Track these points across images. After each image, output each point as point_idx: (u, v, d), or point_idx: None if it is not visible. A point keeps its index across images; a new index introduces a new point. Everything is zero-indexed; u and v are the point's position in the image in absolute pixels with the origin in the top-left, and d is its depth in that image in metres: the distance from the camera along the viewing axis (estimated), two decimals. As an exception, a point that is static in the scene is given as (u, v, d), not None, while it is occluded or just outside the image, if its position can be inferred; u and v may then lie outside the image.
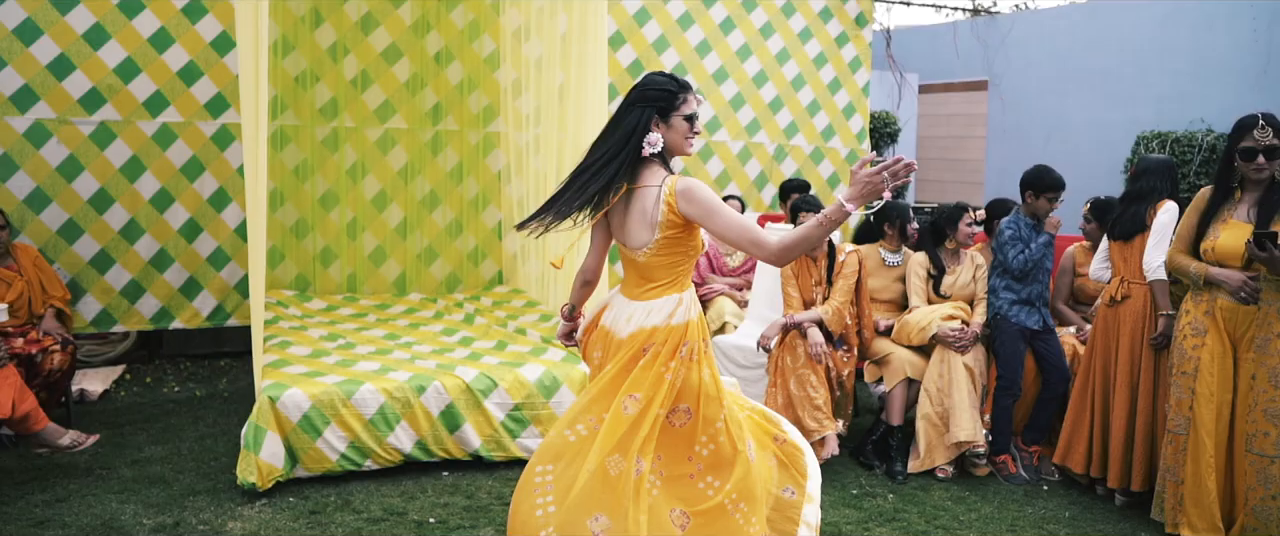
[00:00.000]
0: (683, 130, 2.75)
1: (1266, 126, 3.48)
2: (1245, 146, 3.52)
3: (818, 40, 7.35)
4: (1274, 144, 3.47)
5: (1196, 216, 3.73)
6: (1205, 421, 3.57)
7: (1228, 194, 3.66)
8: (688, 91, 2.77)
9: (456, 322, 5.51)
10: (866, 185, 2.39)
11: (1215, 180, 3.72)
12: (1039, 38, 10.49)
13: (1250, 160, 3.51)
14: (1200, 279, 3.63)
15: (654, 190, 2.70)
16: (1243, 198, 3.62)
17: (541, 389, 4.41)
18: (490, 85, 6.38)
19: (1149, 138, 8.73)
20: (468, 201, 6.46)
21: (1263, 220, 3.49)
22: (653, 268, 2.76)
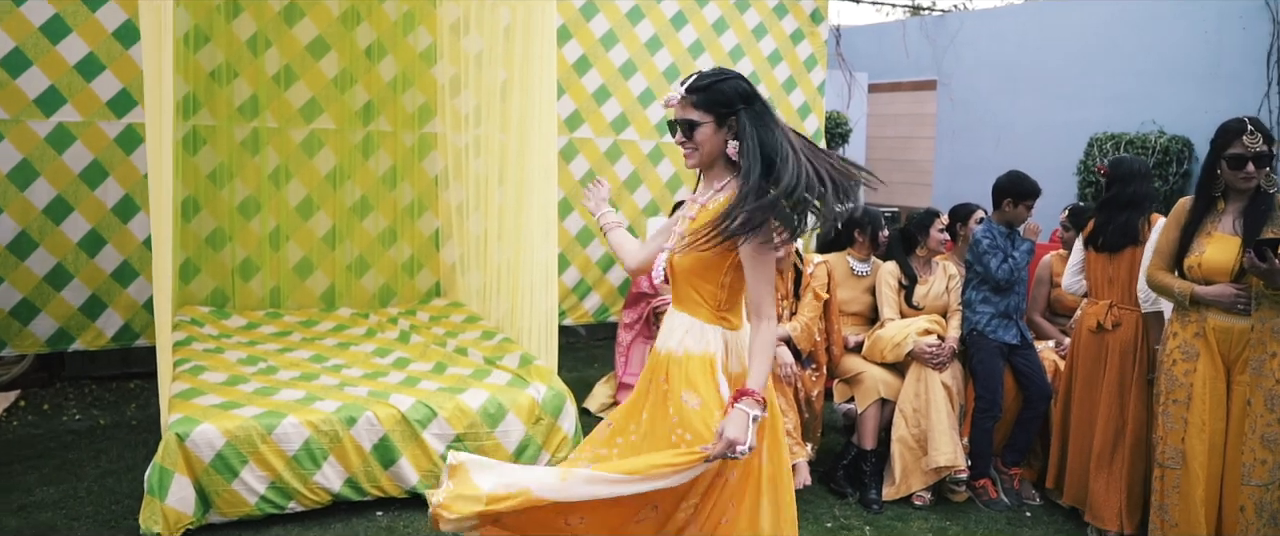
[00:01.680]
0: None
1: (1256, 132, 3.21)
2: (1234, 153, 3.25)
3: (772, 37, 7.04)
4: (1263, 150, 3.21)
5: (1177, 230, 3.46)
6: (1197, 453, 3.32)
7: (1210, 204, 3.40)
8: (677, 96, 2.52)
9: (390, 341, 5.06)
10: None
11: (1197, 190, 3.45)
12: (988, 37, 10.35)
13: (1239, 168, 3.25)
14: (1186, 298, 3.36)
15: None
16: (1226, 208, 3.36)
17: (485, 417, 4.02)
18: (426, 82, 5.93)
19: (1102, 139, 8.61)
20: (402, 208, 6.00)
21: (1250, 232, 3.23)
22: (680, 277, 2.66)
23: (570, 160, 6.53)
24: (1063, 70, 9.45)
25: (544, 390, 4.21)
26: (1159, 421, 3.46)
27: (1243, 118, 3.28)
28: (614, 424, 2.62)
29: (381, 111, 5.87)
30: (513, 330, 4.97)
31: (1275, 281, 3.13)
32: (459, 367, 4.53)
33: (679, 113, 2.44)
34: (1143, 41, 8.74)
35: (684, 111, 2.43)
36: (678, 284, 2.49)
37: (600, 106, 6.60)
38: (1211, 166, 3.37)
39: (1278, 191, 3.31)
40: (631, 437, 2.53)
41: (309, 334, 5.18)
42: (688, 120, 2.41)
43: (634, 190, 6.82)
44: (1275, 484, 3.20)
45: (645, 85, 6.70)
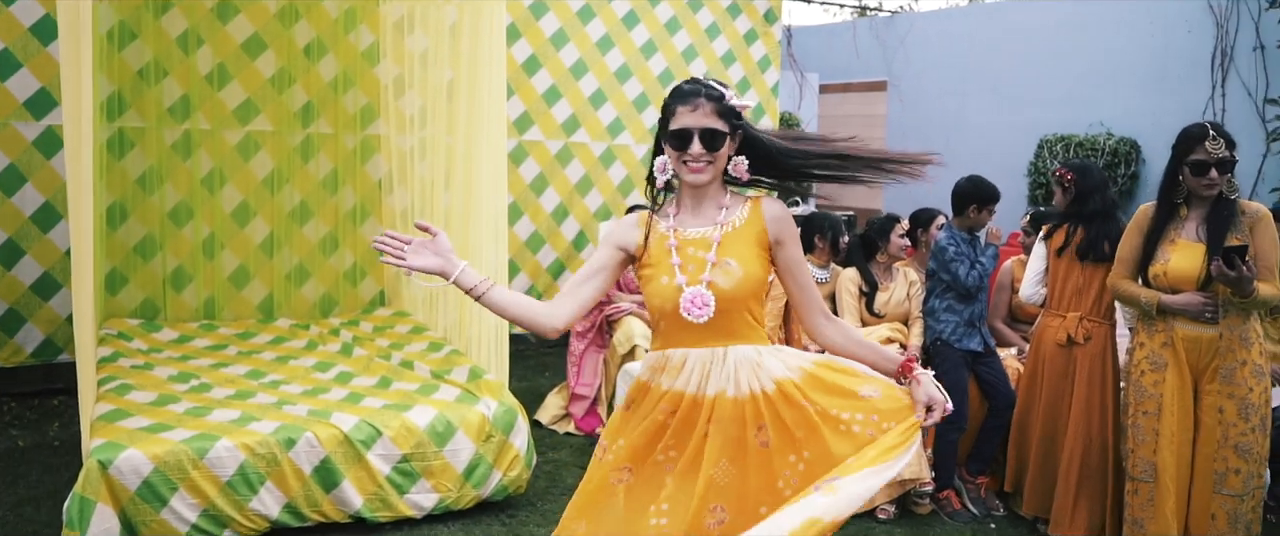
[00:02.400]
0: (672, 153, 2.23)
1: (1218, 138, 3.17)
2: (1196, 159, 3.19)
3: (726, 37, 6.92)
4: (1225, 156, 3.16)
5: (1140, 237, 3.40)
6: (1168, 466, 3.26)
7: (1172, 211, 3.34)
8: (679, 101, 2.21)
9: (332, 354, 4.82)
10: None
11: (1159, 196, 3.38)
12: (937, 39, 10.36)
13: (1202, 174, 3.19)
14: (1153, 308, 3.30)
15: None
16: (1189, 215, 3.31)
17: (433, 436, 3.82)
18: (369, 82, 5.70)
19: (1052, 141, 8.65)
20: (344, 213, 5.75)
21: (1214, 238, 3.19)
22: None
23: (520, 163, 6.34)
24: (1012, 72, 9.48)
25: (495, 406, 4.03)
26: (1129, 433, 3.40)
27: (1204, 123, 3.23)
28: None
29: (321, 113, 5.62)
30: (461, 340, 4.77)
31: (1243, 289, 3.08)
32: (405, 382, 4.32)
33: (699, 121, 2.17)
34: (1091, 44, 8.80)
35: (707, 119, 2.18)
36: (729, 316, 2.21)
37: (550, 108, 6.42)
38: (1173, 173, 3.31)
39: (1239, 197, 3.27)
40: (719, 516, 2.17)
41: (245, 347, 4.92)
42: (713, 129, 2.18)
43: (585, 194, 6.65)
44: (1250, 494, 3.15)
45: (596, 86, 6.54)
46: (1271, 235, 3.18)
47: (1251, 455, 3.17)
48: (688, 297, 2.19)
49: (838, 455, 2.12)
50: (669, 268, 2.23)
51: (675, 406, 2.23)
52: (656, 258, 2.26)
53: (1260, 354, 3.21)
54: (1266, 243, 3.17)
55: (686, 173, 2.21)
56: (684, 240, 2.26)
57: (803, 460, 2.16)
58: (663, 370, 2.26)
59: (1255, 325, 3.23)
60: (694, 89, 2.21)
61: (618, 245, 2.31)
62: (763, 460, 2.17)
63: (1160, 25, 8.30)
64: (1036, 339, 3.94)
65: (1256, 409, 3.17)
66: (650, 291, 2.26)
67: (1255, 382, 3.18)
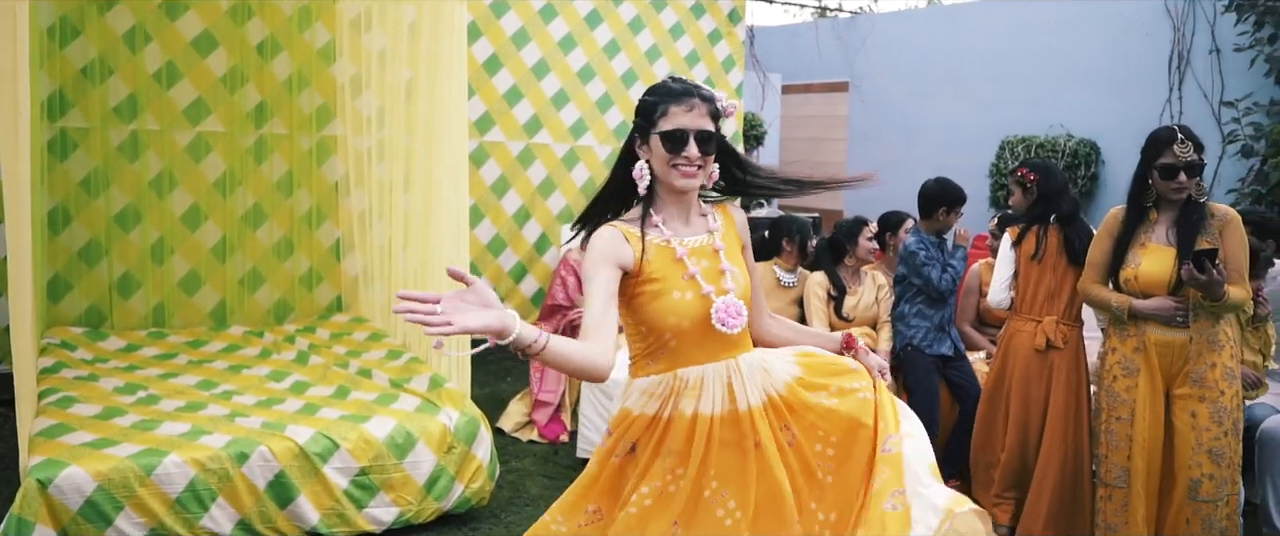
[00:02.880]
0: (662, 155, 2.06)
1: (1186, 141, 3.15)
2: (1165, 163, 3.17)
3: (690, 37, 6.84)
4: (1194, 160, 3.15)
5: (1110, 241, 3.38)
6: (1140, 472, 3.24)
7: (1142, 215, 3.32)
8: (672, 100, 2.07)
9: (287, 363, 4.67)
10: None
11: (1128, 200, 3.36)
12: (899, 40, 10.39)
13: (1171, 178, 3.17)
14: (1124, 313, 3.28)
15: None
16: (1158, 218, 3.29)
17: (393, 447, 3.70)
18: (325, 82, 5.54)
19: (1013, 142, 8.69)
20: (299, 216, 5.59)
21: (1184, 242, 3.17)
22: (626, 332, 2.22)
23: (481, 165, 6.22)
24: (973, 73, 9.53)
25: (456, 416, 3.91)
26: (1101, 438, 3.37)
27: (1172, 126, 3.22)
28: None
29: (275, 113, 5.45)
30: (420, 347, 4.65)
31: (1214, 293, 3.06)
32: (363, 392, 4.18)
33: (696, 122, 2.04)
34: (1050, 46, 8.86)
35: (703, 121, 2.06)
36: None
37: (512, 108, 6.30)
38: (1142, 176, 3.29)
39: (1208, 200, 3.25)
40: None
41: (196, 356, 4.75)
42: (708, 132, 2.07)
43: (547, 196, 6.54)
44: (1224, 499, 3.13)
45: (558, 86, 6.43)
46: (1240, 238, 3.17)
47: (1224, 459, 3.14)
48: (722, 308, 2.06)
49: (855, 415, 2.14)
50: (683, 280, 2.08)
51: (707, 434, 2.07)
52: (661, 271, 2.07)
53: (1232, 357, 3.20)
54: (1236, 245, 3.16)
55: (677, 177, 2.06)
56: (692, 249, 2.13)
57: (830, 445, 2.14)
58: (678, 394, 2.08)
59: (1226, 328, 3.22)
60: (686, 88, 2.09)
61: (616, 264, 2.04)
62: (798, 457, 2.12)
63: (1118, 28, 8.38)
64: (1006, 344, 3.85)
65: (1228, 412, 3.15)
66: (657, 308, 2.06)
67: (1227, 386, 3.17)
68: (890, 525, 2.00)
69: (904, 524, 1.99)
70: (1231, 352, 3.20)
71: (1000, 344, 3.91)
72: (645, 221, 2.11)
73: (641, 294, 2.07)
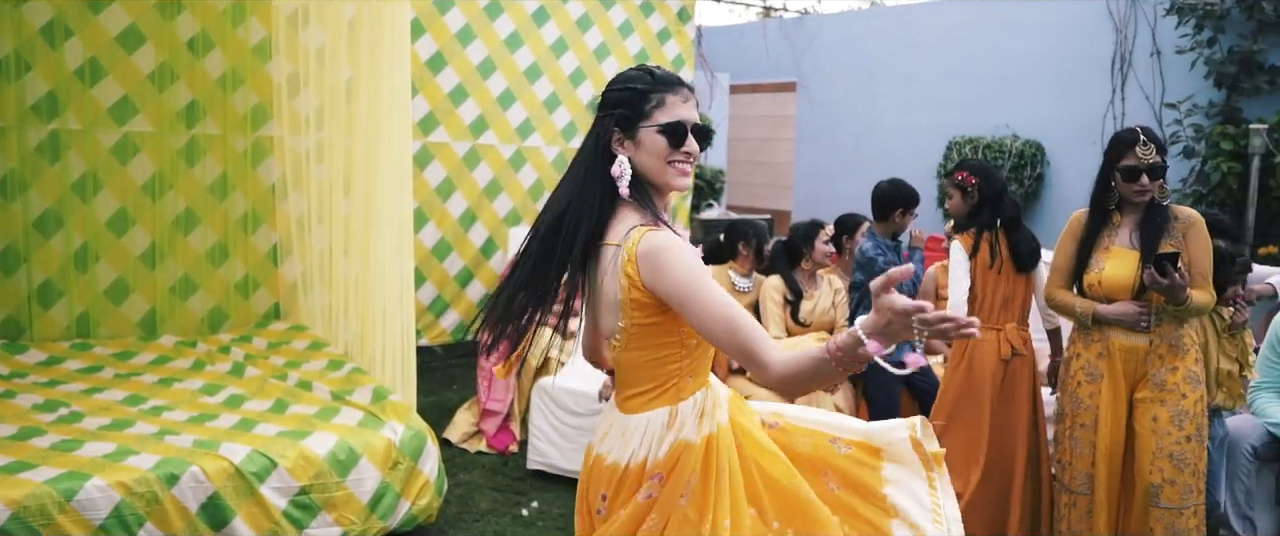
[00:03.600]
0: (659, 150, 1.88)
1: (1149, 143, 3.11)
2: (1127, 165, 3.12)
3: (639, 35, 6.73)
4: (1156, 162, 3.11)
5: (1074, 244, 3.32)
6: (1103, 478, 3.20)
7: (1105, 218, 3.27)
8: (667, 89, 1.90)
9: (221, 375, 4.44)
10: (896, 328, 1.55)
11: (1091, 203, 3.31)
12: (846, 40, 10.39)
13: (1133, 180, 3.12)
14: (1088, 318, 3.23)
15: (612, 250, 1.87)
16: (1122, 221, 3.24)
17: (335, 464, 3.52)
18: (260, 80, 5.31)
19: (961, 143, 8.73)
20: (234, 220, 5.34)
21: (1148, 245, 3.13)
22: (629, 366, 1.91)
23: (424, 166, 6.03)
24: (920, 74, 9.56)
25: (402, 430, 3.74)
26: (1064, 445, 3.32)
27: (1135, 128, 3.17)
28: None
29: (208, 112, 5.20)
30: (363, 355, 4.46)
31: (1177, 297, 3.02)
32: (302, 405, 3.99)
33: (693, 114, 1.92)
34: (996, 48, 8.91)
35: (696, 113, 1.94)
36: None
37: (457, 108, 6.12)
38: (1105, 179, 3.24)
39: (1172, 202, 3.21)
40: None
41: (123, 369, 4.50)
42: (703, 127, 1.94)
43: (494, 198, 6.38)
44: (1190, 508, 3.09)
45: (505, 85, 6.27)
46: (1204, 241, 3.14)
47: (1187, 465, 3.10)
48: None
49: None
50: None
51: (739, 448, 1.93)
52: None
53: (1196, 361, 3.16)
54: (1199, 249, 3.13)
55: (674, 175, 1.88)
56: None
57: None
58: (714, 408, 1.93)
59: (1191, 332, 3.18)
60: (676, 77, 1.94)
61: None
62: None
63: (1062, 30, 8.45)
64: (969, 357, 3.68)
65: (1191, 417, 3.11)
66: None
67: (1190, 390, 3.12)
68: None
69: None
70: (1196, 357, 3.17)
71: (961, 356, 3.73)
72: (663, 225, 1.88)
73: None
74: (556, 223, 1.90)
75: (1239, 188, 6.79)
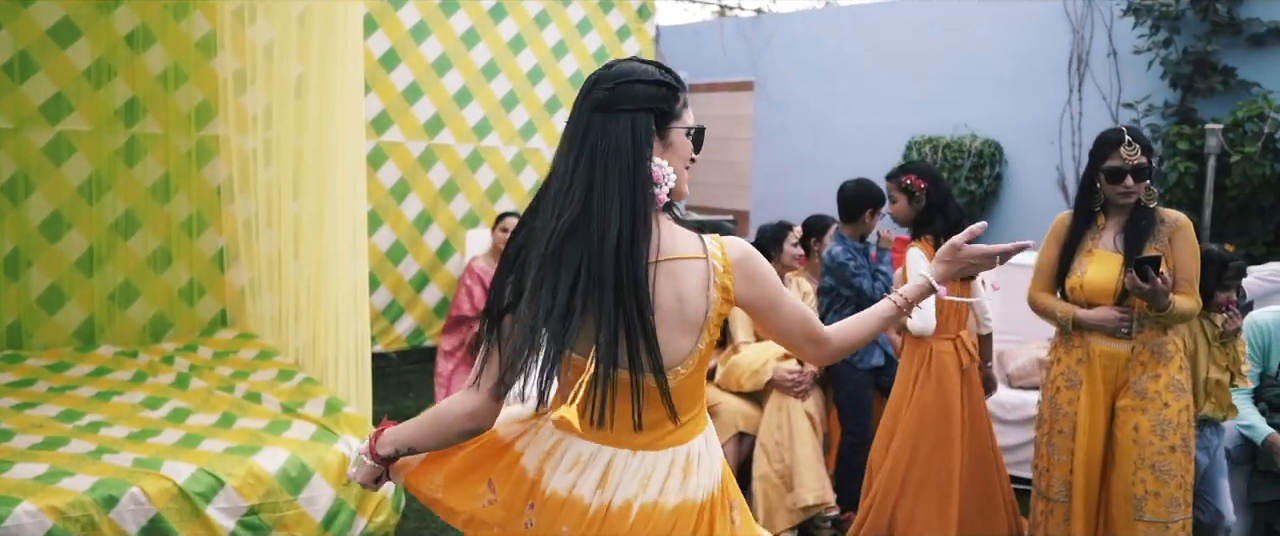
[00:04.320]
0: (685, 153, 1.77)
1: (1134, 143, 3.03)
2: (1111, 166, 3.05)
3: (598, 33, 6.59)
4: (1142, 163, 3.03)
5: (1057, 247, 3.25)
6: (1080, 486, 3.11)
7: (1090, 220, 3.20)
8: (683, 89, 1.80)
9: (164, 387, 4.22)
10: (969, 264, 1.91)
11: (1075, 204, 3.24)
12: (804, 39, 10.33)
13: (1117, 182, 3.05)
14: (1068, 323, 3.15)
15: (698, 263, 1.71)
16: (1106, 224, 3.17)
17: (286, 482, 3.35)
18: (205, 76, 5.08)
19: (920, 142, 8.70)
20: (177, 224, 5.10)
21: (1132, 249, 3.05)
22: (686, 391, 1.74)
23: (378, 167, 5.83)
24: (878, 73, 9.52)
25: (357, 444, 3.57)
26: (1042, 451, 3.24)
27: (1121, 128, 3.10)
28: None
29: (149, 110, 4.96)
30: (315, 364, 4.27)
31: (1158, 302, 2.94)
32: (251, 419, 3.79)
33: (691, 118, 1.82)
34: (954, 47, 8.90)
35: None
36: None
37: (411, 106, 5.93)
38: (1090, 180, 3.17)
39: (1158, 205, 3.13)
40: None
41: (58, 382, 4.25)
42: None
43: (450, 200, 6.20)
44: (1178, 522, 3.00)
45: (461, 83, 6.09)
46: (1191, 245, 3.06)
47: (1172, 477, 3.01)
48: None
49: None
50: None
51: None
52: None
53: (1180, 369, 3.07)
54: (1186, 253, 3.05)
55: (685, 182, 1.79)
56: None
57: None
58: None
59: (1176, 339, 3.10)
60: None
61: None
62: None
63: (1020, 30, 8.46)
64: (936, 373, 3.54)
65: (1175, 427, 3.02)
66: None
67: (1173, 398, 3.03)
68: None
69: None
70: (1180, 365, 3.08)
71: (926, 374, 3.55)
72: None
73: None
74: (591, 239, 1.62)
75: (1196, 187, 6.82)
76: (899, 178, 3.66)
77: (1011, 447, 4.62)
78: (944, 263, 1.90)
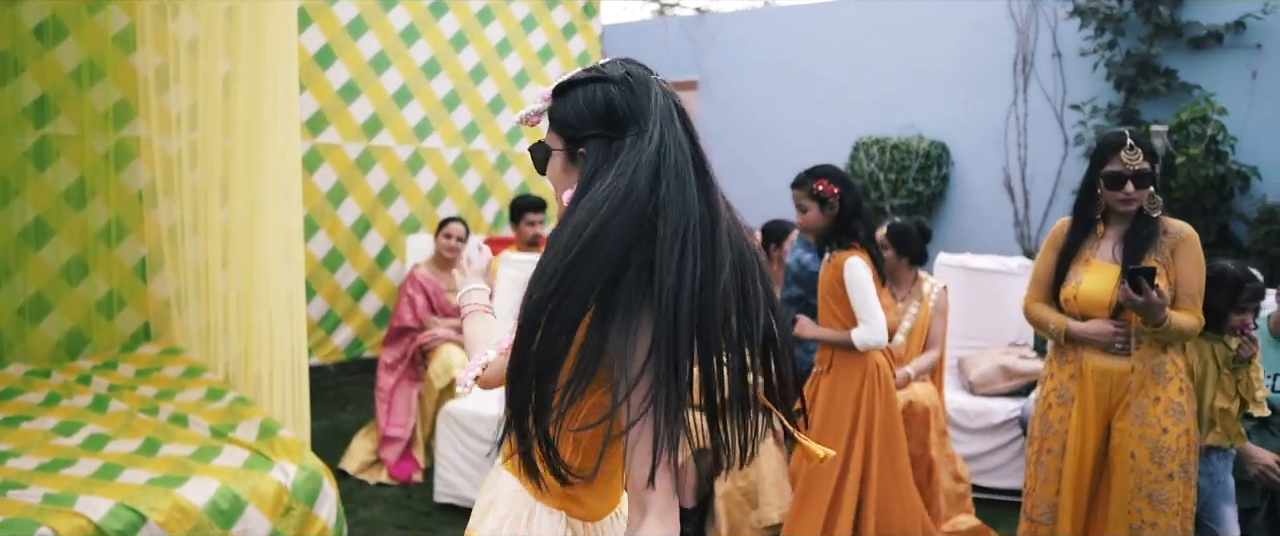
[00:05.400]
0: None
1: (1136, 148, 2.87)
2: (1111, 171, 2.90)
3: (543, 30, 6.38)
4: (1144, 169, 2.87)
5: (1054, 255, 3.09)
6: (1067, 509, 2.96)
7: (1089, 227, 3.04)
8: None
9: (80, 410, 3.90)
10: None
11: (1074, 210, 3.09)
12: (748, 38, 10.22)
13: (1118, 188, 2.89)
14: (1061, 335, 3.01)
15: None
16: (1106, 232, 3.02)
17: (217, 515, 3.09)
18: (124, 73, 4.74)
19: (867, 143, 8.65)
20: (94, 232, 4.76)
21: (1130, 260, 2.89)
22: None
23: (313, 170, 5.55)
24: (824, 73, 9.46)
25: (294, 470, 3.33)
26: (1031, 470, 3.10)
27: (1122, 131, 2.93)
28: None
29: (61, 109, 4.61)
30: (247, 379, 3.99)
31: (1153, 316, 2.78)
32: (177, 445, 3.50)
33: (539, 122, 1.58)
34: (899, 47, 8.87)
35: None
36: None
37: (348, 106, 5.65)
38: (1090, 185, 3.00)
39: (1162, 214, 2.95)
40: None
41: (-39, 405, 3.90)
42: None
43: (390, 204, 5.93)
44: None
45: (401, 82, 5.84)
46: (1195, 258, 2.89)
47: (1170, 506, 2.83)
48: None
49: None
50: None
51: None
52: None
53: (1180, 391, 2.90)
54: (1189, 266, 2.88)
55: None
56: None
57: None
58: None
59: (1175, 358, 2.94)
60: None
61: None
62: None
63: (965, 30, 8.45)
64: (883, 387, 3.44)
65: (1173, 453, 2.85)
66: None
67: (1172, 423, 2.87)
68: None
69: None
70: (1180, 386, 2.91)
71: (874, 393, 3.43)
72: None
73: None
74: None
75: (1141, 188, 6.89)
76: (809, 185, 3.38)
77: (973, 457, 4.53)
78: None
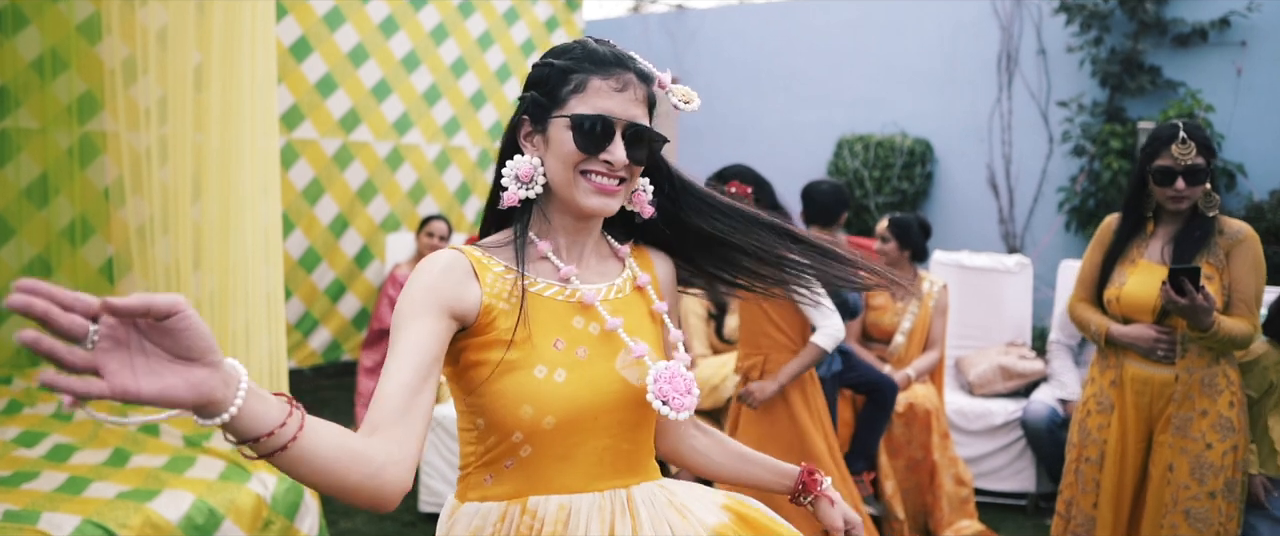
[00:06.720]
0: (565, 152, 1.38)
1: (1188, 141, 2.68)
2: (1161, 166, 2.71)
3: (525, 23, 6.22)
4: (1198, 164, 2.68)
5: (1100, 254, 2.93)
6: (1106, 522, 2.81)
7: (1139, 225, 2.87)
8: (596, 68, 1.41)
9: (43, 419, 3.70)
10: None
11: (1124, 207, 2.91)
12: (730, 35, 10.12)
13: (1168, 184, 2.71)
14: (1101, 338, 2.86)
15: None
16: (1156, 231, 2.85)
17: (191, 530, 2.91)
18: (88, 64, 4.54)
19: (851, 140, 8.56)
20: (58, 231, 4.56)
21: (1178, 261, 2.74)
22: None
23: (289, 166, 5.35)
24: (807, 71, 9.37)
25: (273, 482, 3.16)
26: (1069, 478, 2.96)
27: (1175, 123, 2.75)
28: None
29: (22, 102, 4.41)
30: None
31: (1198, 320, 2.61)
32: (148, 456, 3.32)
33: (628, 109, 1.41)
34: (882, 44, 8.80)
35: (638, 110, 1.45)
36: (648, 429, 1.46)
37: (325, 100, 5.46)
38: (1140, 181, 2.82)
39: (1218, 215, 2.77)
40: None
41: (-85, 414, 3.69)
42: (643, 129, 1.45)
43: (369, 202, 5.75)
44: None
45: (379, 76, 5.66)
46: (1253, 261, 2.72)
47: (1208, 527, 2.67)
48: (665, 378, 1.34)
49: None
50: (556, 349, 1.36)
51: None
52: (526, 329, 1.35)
53: (1230, 405, 2.72)
54: (1244, 269, 2.71)
55: (583, 191, 1.37)
56: (605, 297, 1.44)
57: None
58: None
59: (1228, 370, 2.76)
60: (617, 57, 1.45)
61: (449, 312, 1.32)
62: None
63: (948, 27, 8.39)
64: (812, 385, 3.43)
65: (1217, 471, 2.68)
66: (514, 388, 1.32)
67: (1217, 439, 2.69)
68: None
69: None
70: (1230, 400, 2.73)
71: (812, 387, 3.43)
72: (520, 246, 1.40)
73: (479, 362, 1.35)
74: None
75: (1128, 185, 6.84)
76: (719, 188, 3.31)
77: (974, 459, 4.44)
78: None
